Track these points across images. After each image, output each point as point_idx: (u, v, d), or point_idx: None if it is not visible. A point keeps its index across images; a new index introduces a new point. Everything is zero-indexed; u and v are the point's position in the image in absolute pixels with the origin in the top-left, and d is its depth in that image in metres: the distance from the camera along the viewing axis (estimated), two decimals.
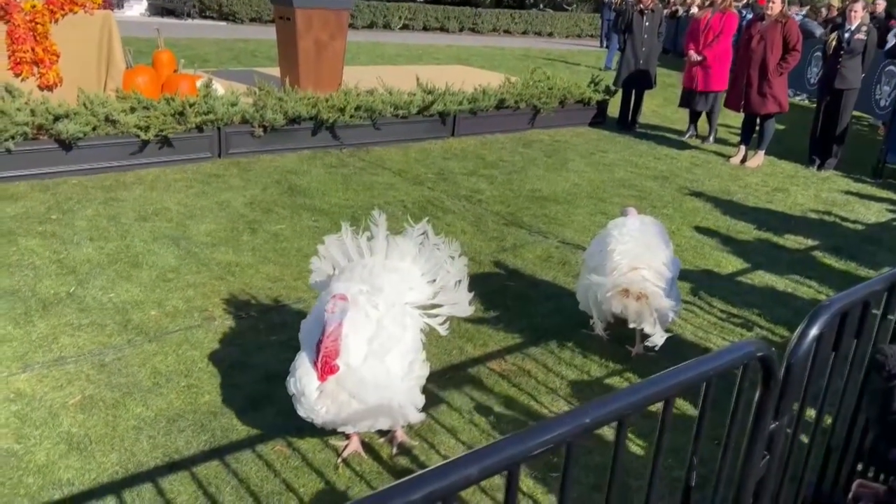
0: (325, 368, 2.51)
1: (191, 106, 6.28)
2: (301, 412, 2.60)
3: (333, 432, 2.85)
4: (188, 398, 3.22)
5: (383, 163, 7.13)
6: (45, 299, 3.95)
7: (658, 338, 3.62)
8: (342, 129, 7.34)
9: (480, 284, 4.58)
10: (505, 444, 1.10)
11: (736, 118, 9.97)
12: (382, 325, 2.70)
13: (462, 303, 3.18)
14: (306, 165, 6.77)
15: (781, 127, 9.55)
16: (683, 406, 3.23)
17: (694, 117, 9.36)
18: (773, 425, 1.59)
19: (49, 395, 3.16)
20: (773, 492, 1.71)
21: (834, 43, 7.93)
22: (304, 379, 2.55)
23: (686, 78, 9.00)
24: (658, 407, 1.39)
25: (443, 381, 3.46)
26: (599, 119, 9.76)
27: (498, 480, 2.75)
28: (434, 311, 3.09)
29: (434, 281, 3.12)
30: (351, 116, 7.24)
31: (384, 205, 5.88)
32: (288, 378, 2.65)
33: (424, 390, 2.92)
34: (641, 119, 9.93)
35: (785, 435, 1.65)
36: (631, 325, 3.69)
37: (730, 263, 5.33)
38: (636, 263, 3.63)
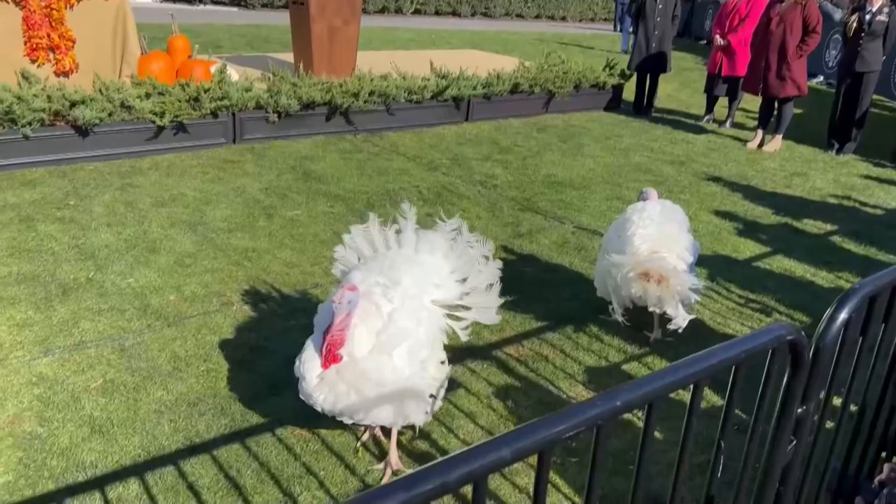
0: (329, 357, 2.48)
1: (206, 91, 6.28)
2: (301, 395, 2.59)
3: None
4: (208, 382, 3.24)
5: (397, 148, 7.11)
6: (65, 284, 3.97)
7: (681, 320, 3.58)
8: (356, 115, 7.32)
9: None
10: (537, 427, 1.09)
11: (753, 102, 9.85)
12: (393, 319, 2.60)
13: (491, 309, 3.02)
14: (321, 151, 6.76)
15: (799, 111, 9.42)
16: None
17: (713, 102, 9.25)
18: (800, 410, 1.58)
19: (71, 378, 3.19)
20: (798, 477, 1.70)
21: (854, 25, 7.80)
22: (307, 364, 2.53)
23: (710, 62, 8.90)
24: (675, 393, 1.38)
25: (460, 366, 3.46)
26: (614, 103, 9.68)
27: (516, 466, 2.75)
28: (459, 314, 2.96)
29: (464, 281, 2.98)
30: (365, 102, 7.21)
31: (399, 190, 5.87)
32: (296, 359, 2.64)
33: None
34: (657, 103, 9.84)
35: (812, 420, 1.63)
36: (651, 310, 3.66)
37: (748, 248, 5.28)
38: (657, 248, 3.60)
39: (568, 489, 2.72)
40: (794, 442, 1.62)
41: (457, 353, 3.53)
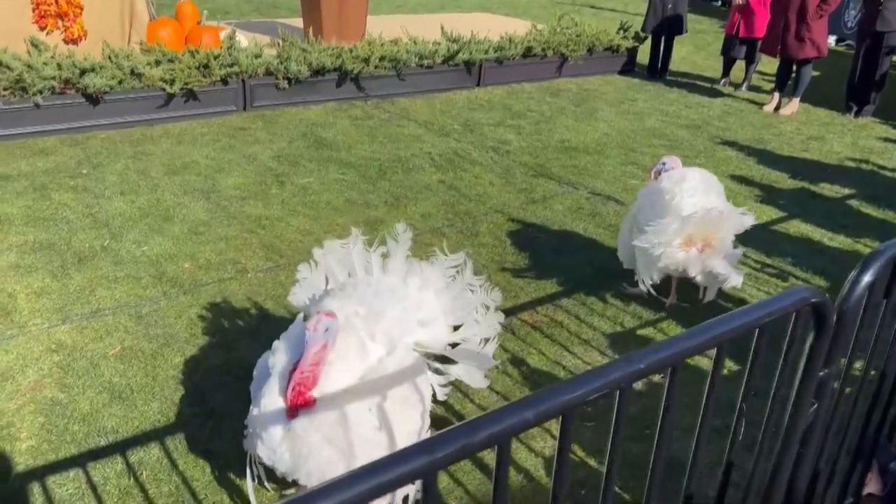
0: (297, 398, 1.96)
1: (215, 58, 6.22)
2: (259, 452, 2.05)
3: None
4: (222, 350, 3.26)
5: (408, 114, 7.04)
6: (81, 252, 3.99)
7: (735, 278, 3.47)
8: (367, 81, 7.24)
9: (510, 236, 4.56)
10: (560, 389, 1.08)
11: (769, 64, 9.67)
12: (382, 368, 2.14)
13: (480, 369, 2.50)
14: (332, 118, 6.71)
15: (816, 73, 9.23)
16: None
17: (729, 64, 9.07)
18: (822, 373, 1.56)
19: (89, 346, 3.22)
20: (819, 439, 1.69)
21: None
22: (268, 413, 2.01)
23: (728, 24, 8.71)
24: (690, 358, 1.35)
25: None
26: (629, 67, 9.52)
27: (533, 430, 2.76)
28: (442, 367, 2.50)
29: (457, 329, 2.51)
30: (376, 67, 7.13)
31: (411, 157, 5.83)
32: (252, 405, 2.13)
33: None
34: (671, 66, 9.66)
35: (833, 383, 1.62)
36: (695, 277, 3.53)
37: (764, 213, 5.22)
38: (707, 217, 3.49)
39: (583, 453, 2.73)
40: (816, 405, 1.60)
41: None
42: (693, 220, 3.42)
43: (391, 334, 2.24)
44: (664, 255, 3.46)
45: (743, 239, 4.70)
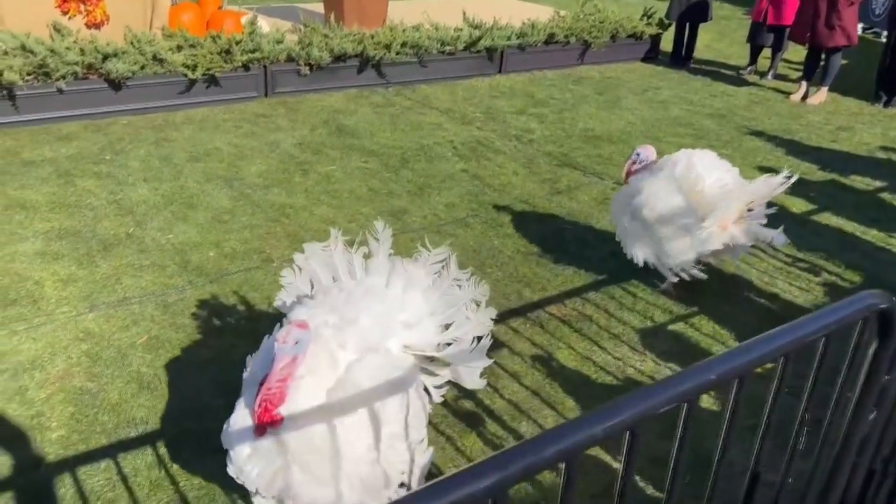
0: (264, 416, 1.86)
1: (237, 44, 6.18)
2: (229, 470, 1.99)
3: None
4: (251, 340, 3.22)
5: (430, 102, 6.97)
6: (106, 240, 3.98)
7: (780, 237, 3.53)
8: (388, 67, 7.17)
9: (536, 227, 4.50)
10: (628, 402, 1.04)
11: (795, 53, 9.50)
12: (350, 375, 1.98)
13: (474, 369, 2.36)
14: (353, 105, 6.65)
15: (844, 61, 9.05)
16: None
17: (756, 52, 8.90)
18: (885, 378, 1.51)
19: (117, 335, 3.20)
20: (876, 445, 1.64)
21: None
22: (235, 428, 1.92)
23: (755, 11, 8.53)
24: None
25: (503, 325, 3.41)
26: (652, 54, 9.38)
27: None
28: (435, 369, 2.39)
29: (446, 328, 2.37)
30: (397, 53, 7.06)
31: (433, 145, 5.78)
32: (225, 423, 2.05)
33: None
34: (695, 54, 9.51)
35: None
36: (745, 244, 3.57)
37: (793, 205, 5.12)
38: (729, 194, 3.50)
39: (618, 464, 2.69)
40: (875, 412, 1.55)
41: (502, 314, 3.47)
42: (732, 196, 3.44)
43: (367, 341, 2.09)
44: (708, 241, 3.45)
45: None
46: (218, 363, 3.06)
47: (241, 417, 1.95)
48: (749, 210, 3.52)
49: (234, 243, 4.04)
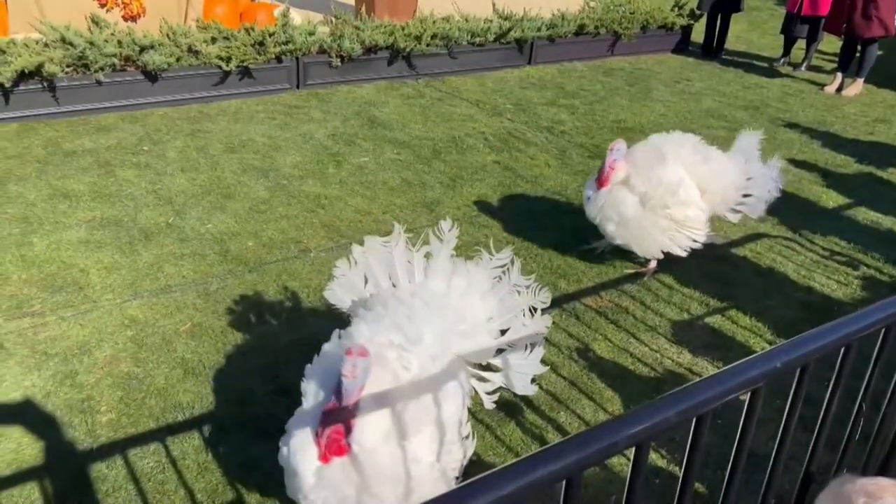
0: (332, 447, 1.84)
1: (270, 36, 6.23)
2: (290, 494, 1.98)
3: None
4: (291, 328, 3.29)
5: (460, 93, 6.98)
6: (147, 229, 4.06)
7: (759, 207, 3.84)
8: (418, 59, 7.19)
9: (570, 219, 4.50)
10: (700, 387, 1.05)
11: (828, 44, 9.34)
12: (414, 396, 1.98)
13: (526, 374, 2.36)
14: (384, 96, 6.68)
15: (879, 52, 8.88)
16: None
17: (790, 43, 8.76)
18: None
19: (161, 322, 3.27)
20: None
21: None
22: (298, 454, 1.87)
23: (790, 2, 8.39)
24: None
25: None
26: (683, 45, 9.28)
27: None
28: (486, 374, 2.39)
29: (502, 333, 2.37)
30: (427, 45, 7.06)
31: (464, 137, 5.79)
32: (282, 442, 2.02)
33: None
34: (727, 45, 9.39)
35: None
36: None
37: (830, 199, 5.07)
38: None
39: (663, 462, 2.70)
40: None
41: None
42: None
43: (430, 359, 2.07)
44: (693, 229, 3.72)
45: (809, 226, 4.60)
46: (260, 350, 3.11)
47: (303, 442, 1.88)
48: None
49: (272, 233, 4.09)
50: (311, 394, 2.01)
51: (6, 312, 3.25)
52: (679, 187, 3.62)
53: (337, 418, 1.83)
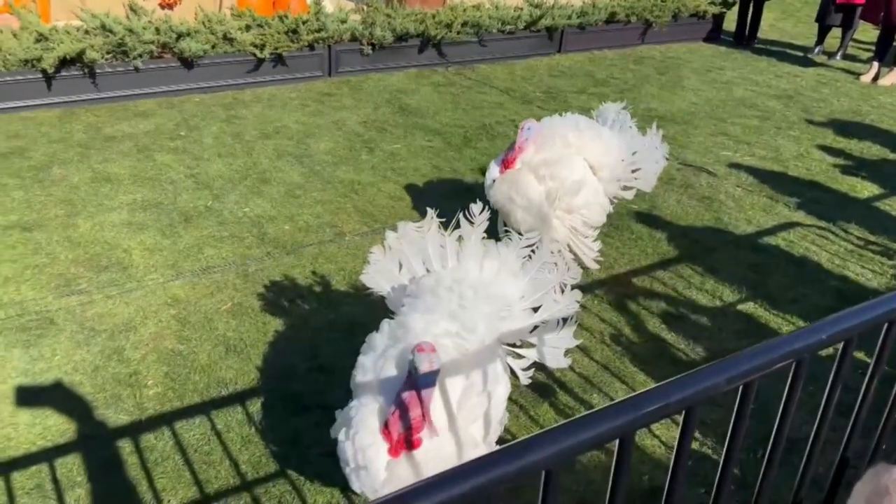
0: (407, 442, 1.87)
1: (304, 23, 6.30)
2: (356, 487, 1.96)
3: None
4: (328, 309, 3.36)
5: (490, 81, 7.00)
6: (186, 212, 4.16)
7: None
8: (447, 47, 7.22)
9: None
10: (746, 357, 1.09)
11: (864, 33, 9.19)
12: (472, 383, 2.03)
13: (559, 349, 2.42)
14: (414, 84, 6.73)
15: None
16: None
17: (825, 32, 8.63)
18: None
19: (202, 301, 3.37)
20: None
21: None
22: (370, 450, 1.88)
23: None
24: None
25: None
26: (714, 33, 9.19)
27: None
28: (521, 350, 2.43)
29: (535, 311, 2.43)
30: (458, 33, 7.09)
31: (495, 125, 5.82)
32: (340, 434, 1.99)
33: None
34: (759, 34, 9.29)
35: None
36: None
37: (865, 188, 5.02)
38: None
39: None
40: None
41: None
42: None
43: (482, 346, 2.13)
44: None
45: (844, 215, 4.58)
46: (299, 330, 3.19)
47: (372, 437, 1.90)
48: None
49: (308, 217, 4.17)
50: (369, 388, 2.01)
51: (55, 290, 3.37)
52: (581, 188, 3.45)
53: (411, 413, 1.85)
